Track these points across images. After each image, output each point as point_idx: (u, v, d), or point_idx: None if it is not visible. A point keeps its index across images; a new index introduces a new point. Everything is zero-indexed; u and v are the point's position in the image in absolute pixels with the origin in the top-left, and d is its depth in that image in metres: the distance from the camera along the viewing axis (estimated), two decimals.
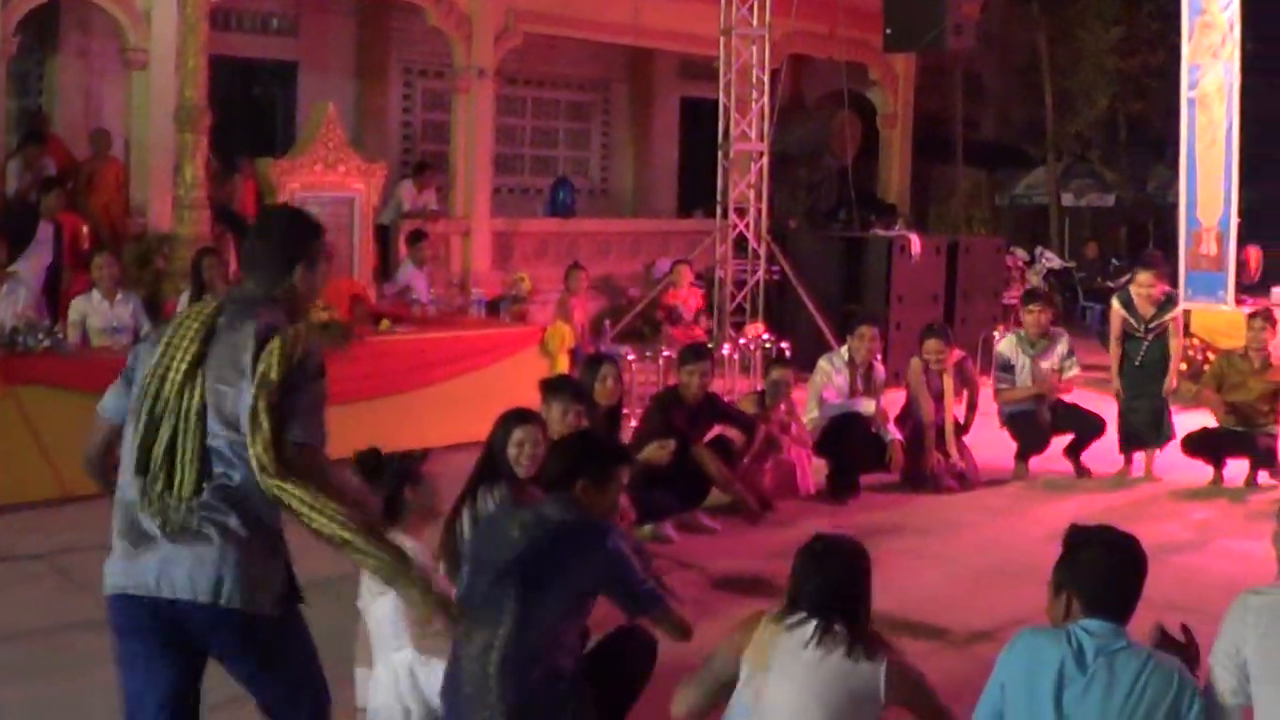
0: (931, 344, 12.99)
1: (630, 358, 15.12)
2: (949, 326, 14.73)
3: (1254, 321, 13.48)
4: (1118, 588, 4.85)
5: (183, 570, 4.66)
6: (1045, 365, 13.30)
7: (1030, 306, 13.67)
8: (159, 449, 4.72)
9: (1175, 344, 13.54)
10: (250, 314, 4.86)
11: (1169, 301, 13.79)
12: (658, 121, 27.29)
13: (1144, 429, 13.43)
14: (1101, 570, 4.85)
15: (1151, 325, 13.42)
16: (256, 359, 4.71)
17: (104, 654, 5.10)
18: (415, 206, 20.54)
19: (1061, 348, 13.42)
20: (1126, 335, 13.55)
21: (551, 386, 9.04)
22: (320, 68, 22.26)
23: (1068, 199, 31.19)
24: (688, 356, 11.41)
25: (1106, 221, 31.71)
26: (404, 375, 13.35)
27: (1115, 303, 13.75)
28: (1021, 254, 26.10)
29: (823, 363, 12.76)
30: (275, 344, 4.71)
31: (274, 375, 4.66)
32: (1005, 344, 13.64)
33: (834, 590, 5.31)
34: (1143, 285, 13.60)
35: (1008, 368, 13.35)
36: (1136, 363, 13.45)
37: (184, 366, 4.77)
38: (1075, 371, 13.48)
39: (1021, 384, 13.27)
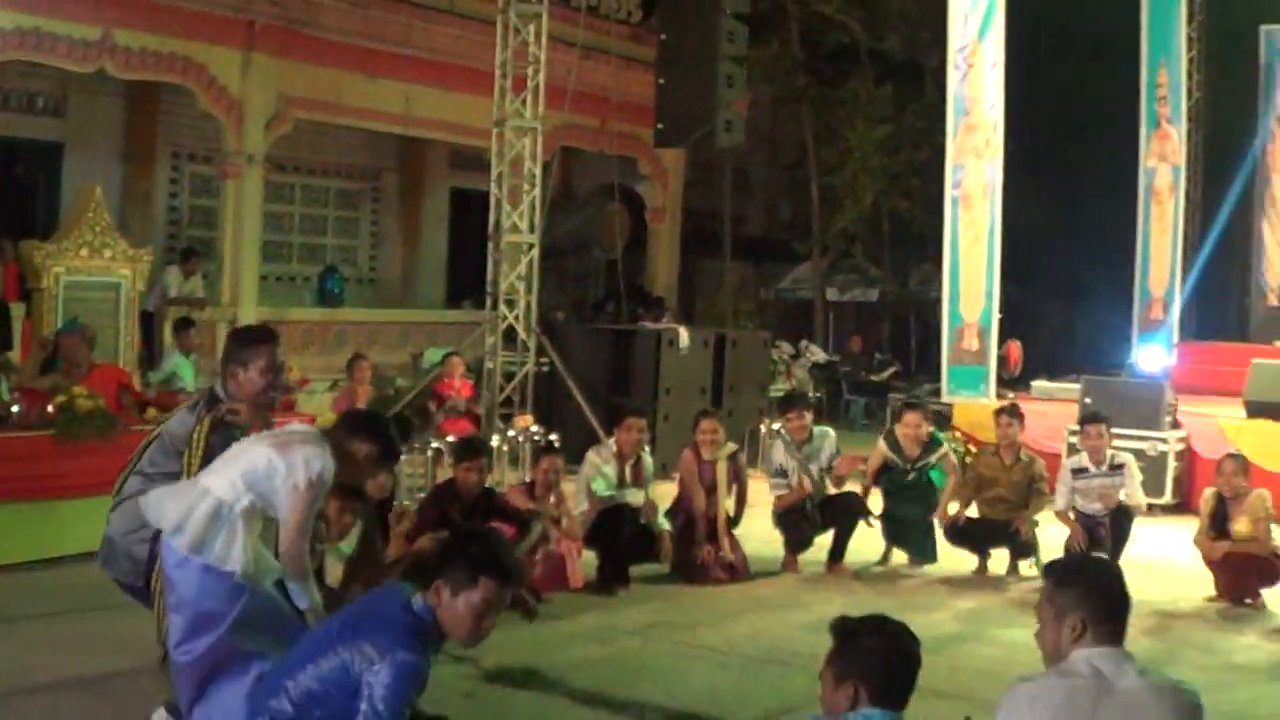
0: (706, 424, 13.11)
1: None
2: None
3: (1000, 418, 13.88)
4: (901, 677, 4.92)
5: None
6: (814, 467, 13.42)
7: (789, 414, 13.82)
8: None
9: (951, 481, 13.78)
10: None
11: (934, 442, 14.02)
12: (428, 211, 27.27)
13: (908, 545, 13.68)
14: (886, 660, 4.92)
15: (917, 465, 13.69)
16: None
17: None
18: (181, 293, 20.28)
19: (830, 447, 13.57)
20: (887, 467, 13.76)
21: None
22: (87, 149, 21.88)
23: (833, 293, 31.64)
24: (464, 452, 11.39)
25: (870, 316, 32.24)
26: None
27: (881, 444, 13.91)
28: (787, 348, 26.42)
29: (591, 455, 12.76)
30: None
31: None
32: (775, 450, 13.74)
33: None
34: (909, 425, 13.85)
35: (781, 473, 13.45)
36: (900, 485, 13.69)
37: None
38: (837, 465, 13.59)
39: (794, 486, 13.37)
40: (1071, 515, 13.30)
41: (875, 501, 13.75)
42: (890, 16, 29.35)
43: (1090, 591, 5.04)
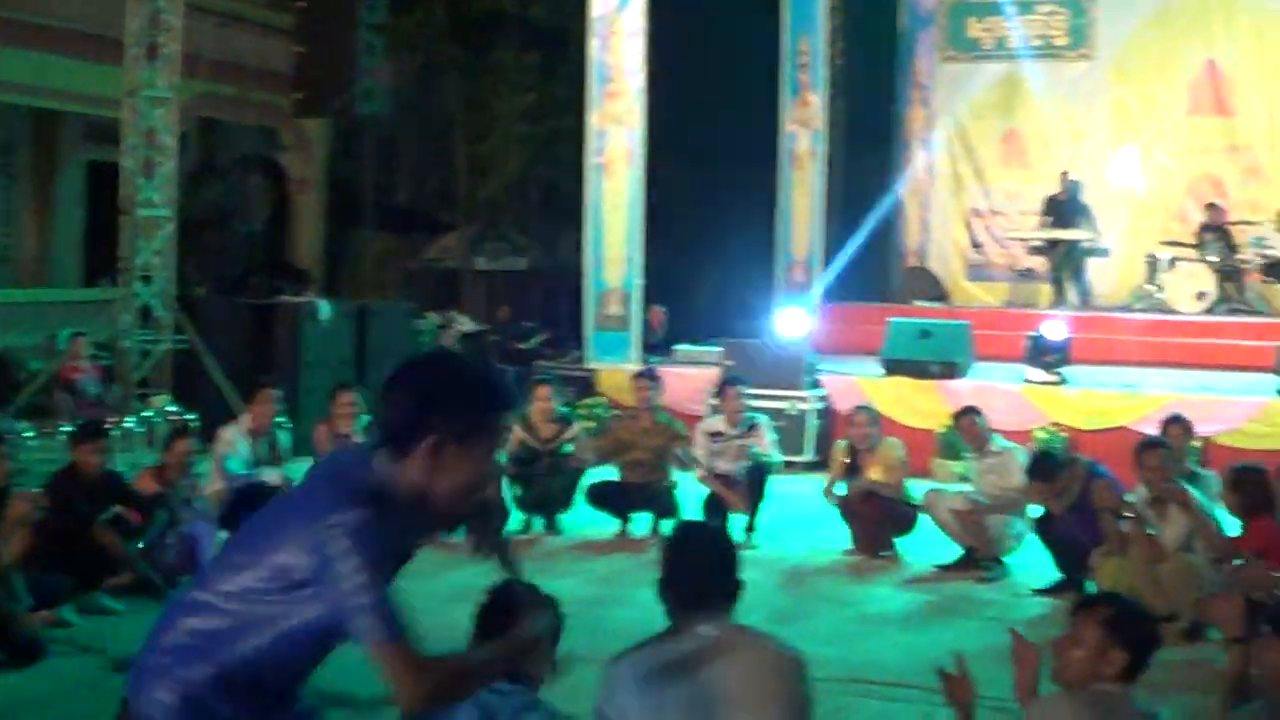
0: (343, 396, 13.09)
1: (28, 435, 14.62)
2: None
3: (638, 382, 14.19)
4: None
5: None
6: None
7: None
8: None
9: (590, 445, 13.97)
10: None
11: (565, 419, 14.20)
12: (63, 186, 26.42)
13: (546, 514, 13.75)
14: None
15: (549, 447, 13.72)
16: None
17: None
18: None
19: None
20: (520, 455, 13.71)
21: None
22: None
23: (481, 263, 31.54)
24: (82, 435, 11.15)
25: (520, 285, 32.22)
26: None
27: (516, 429, 13.74)
28: (434, 318, 26.28)
29: (223, 431, 12.56)
30: None
31: None
32: None
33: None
34: (540, 398, 13.97)
35: None
36: (535, 471, 13.74)
37: None
38: None
39: None
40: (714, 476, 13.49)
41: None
42: None
43: (675, 561, 5.07)
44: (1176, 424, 12.87)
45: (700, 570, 5.05)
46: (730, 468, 13.47)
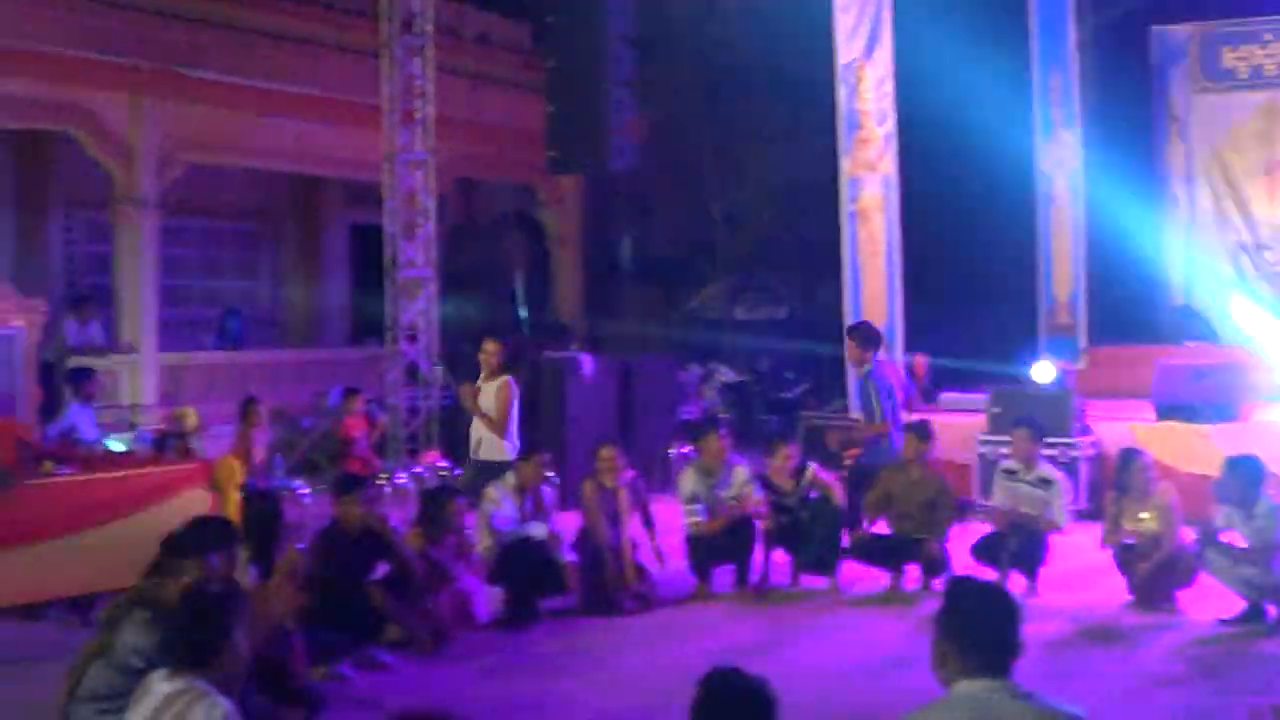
0: (605, 452, 13.02)
1: (304, 491, 14.89)
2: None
3: (908, 436, 13.76)
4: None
5: None
6: (723, 494, 13.29)
7: (709, 435, 13.72)
8: None
9: (836, 492, 13.75)
10: None
11: (801, 468, 13.90)
12: (327, 248, 27.03)
13: (809, 559, 13.57)
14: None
15: (793, 495, 13.58)
16: None
17: None
18: (79, 342, 19.99)
19: (741, 474, 13.42)
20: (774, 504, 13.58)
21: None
22: None
23: (740, 313, 31.51)
24: (342, 488, 11.33)
25: (780, 334, 32.13)
26: (68, 518, 12.81)
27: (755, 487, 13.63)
28: (696, 369, 26.32)
29: (489, 490, 12.61)
30: None
31: None
32: (685, 479, 13.55)
33: None
34: (780, 457, 13.77)
35: (694, 499, 13.29)
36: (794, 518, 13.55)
37: None
38: (758, 496, 13.42)
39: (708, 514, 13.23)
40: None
41: None
42: (782, 35, 29.31)
43: (955, 618, 4.91)
44: None
45: (981, 628, 4.91)
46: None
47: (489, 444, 14.58)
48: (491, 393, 14.72)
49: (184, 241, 24.75)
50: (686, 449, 17.75)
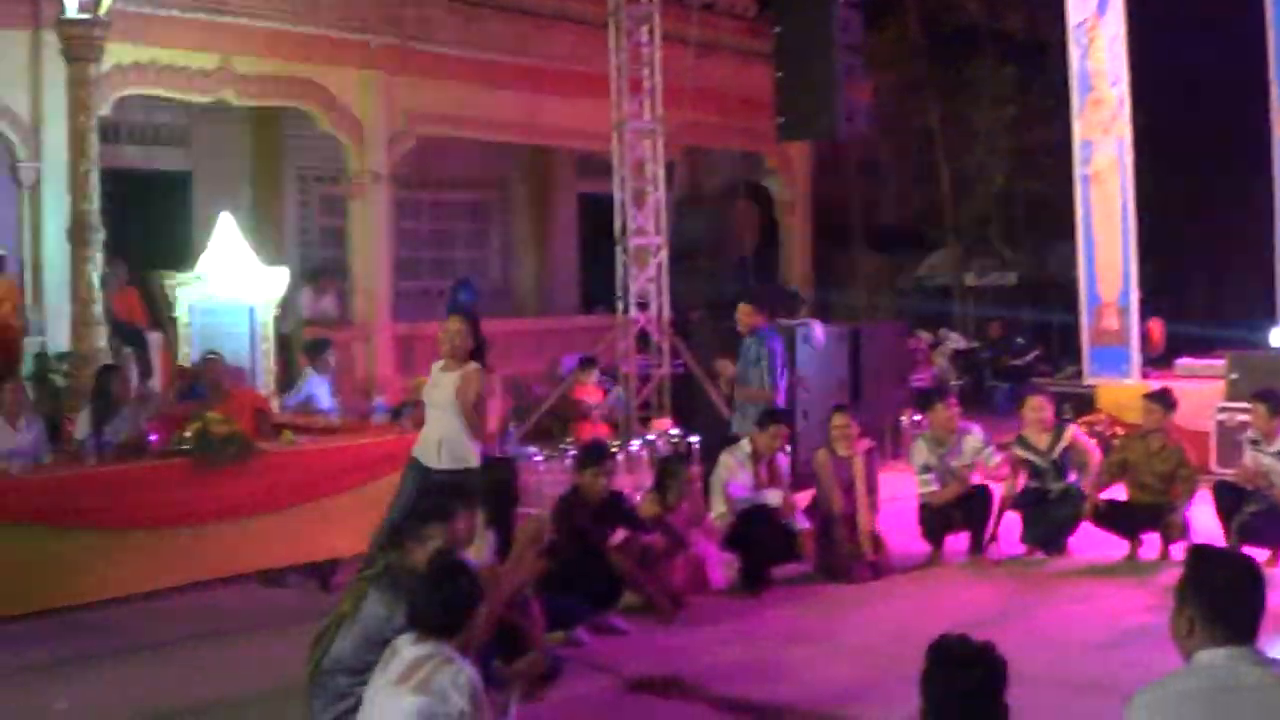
0: (839, 419, 12.98)
1: (537, 458, 15.04)
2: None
3: (1150, 404, 13.49)
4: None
5: None
6: (955, 464, 13.20)
7: (937, 405, 13.63)
8: None
9: (1092, 461, 13.52)
10: None
11: (1059, 427, 13.72)
12: (557, 218, 27.23)
13: (1043, 540, 13.40)
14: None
15: (1051, 457, 13.41)
16: None
17: None
18: (315, 313, 20.35)
19: (973, 442, 13.32)
20: (1029, 474, 13.48)
21: None
22: (214, 176, 22.02)
23: (970, 279, 31.21)
24: (587, 458, 11.40)
25: (1009, 300, 31.78)
26: (307, 486, 13.03)
27: (1016, 450, 13.56)
28: (926, 336, 26.14)
29: (725, 457, 12.64)
30: None
31: None
32: (917, 449, 13.47)
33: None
34: (1033, 409, 13.62)
35: (925, 469, 13.22)
36: (1044, 499, 13.39)
37: None
38: (997, 460, 13.34)
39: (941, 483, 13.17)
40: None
41: None
42: None
43: (1202, 586, 4.79)
44: None
45: (1225, 597, 4.79)
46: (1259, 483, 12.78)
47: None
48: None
49: (415, 214, 25.09)
50: (918, 417, 17.61)
